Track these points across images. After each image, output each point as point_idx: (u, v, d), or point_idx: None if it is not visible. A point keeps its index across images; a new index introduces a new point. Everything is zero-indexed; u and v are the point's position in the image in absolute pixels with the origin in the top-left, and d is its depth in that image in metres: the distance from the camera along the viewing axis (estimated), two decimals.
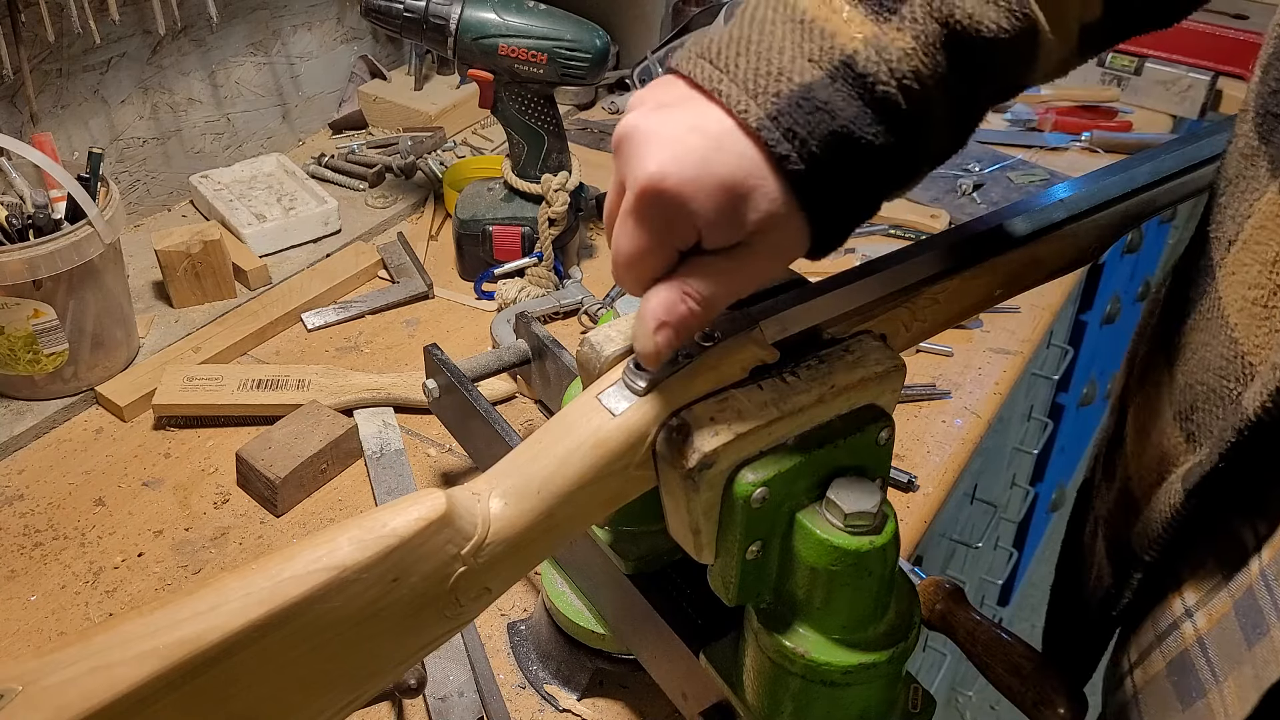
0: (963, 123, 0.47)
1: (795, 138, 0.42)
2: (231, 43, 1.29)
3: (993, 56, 0.45)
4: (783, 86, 0.42)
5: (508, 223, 1.13)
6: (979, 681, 1.68)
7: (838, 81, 0.42)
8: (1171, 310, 0.56)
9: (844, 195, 0.45)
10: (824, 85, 0.42)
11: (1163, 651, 0.52)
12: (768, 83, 0.43)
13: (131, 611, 0.42)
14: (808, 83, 0.42)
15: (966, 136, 0.48)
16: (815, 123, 0.42)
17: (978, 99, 0.47)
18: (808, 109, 0.42)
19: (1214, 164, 0.61)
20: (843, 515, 0.49)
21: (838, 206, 0.45)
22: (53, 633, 0.78)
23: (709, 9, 1.51)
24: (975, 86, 0.46)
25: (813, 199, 0.44)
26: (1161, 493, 0.52)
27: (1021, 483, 1.81)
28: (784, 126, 0.42)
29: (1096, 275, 1.70)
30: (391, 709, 0.73)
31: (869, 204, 0.46)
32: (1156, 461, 0.55)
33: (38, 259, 0.89)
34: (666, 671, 0.64)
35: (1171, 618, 0.52)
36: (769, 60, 0.43)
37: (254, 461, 0.87)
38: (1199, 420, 0.51)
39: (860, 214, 0.46)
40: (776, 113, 0.42)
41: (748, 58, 0.43)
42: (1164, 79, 1.58)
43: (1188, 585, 0.51)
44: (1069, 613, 0.67)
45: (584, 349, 0.54)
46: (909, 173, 0.46)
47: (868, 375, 0.51)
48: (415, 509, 0.45)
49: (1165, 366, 0.55)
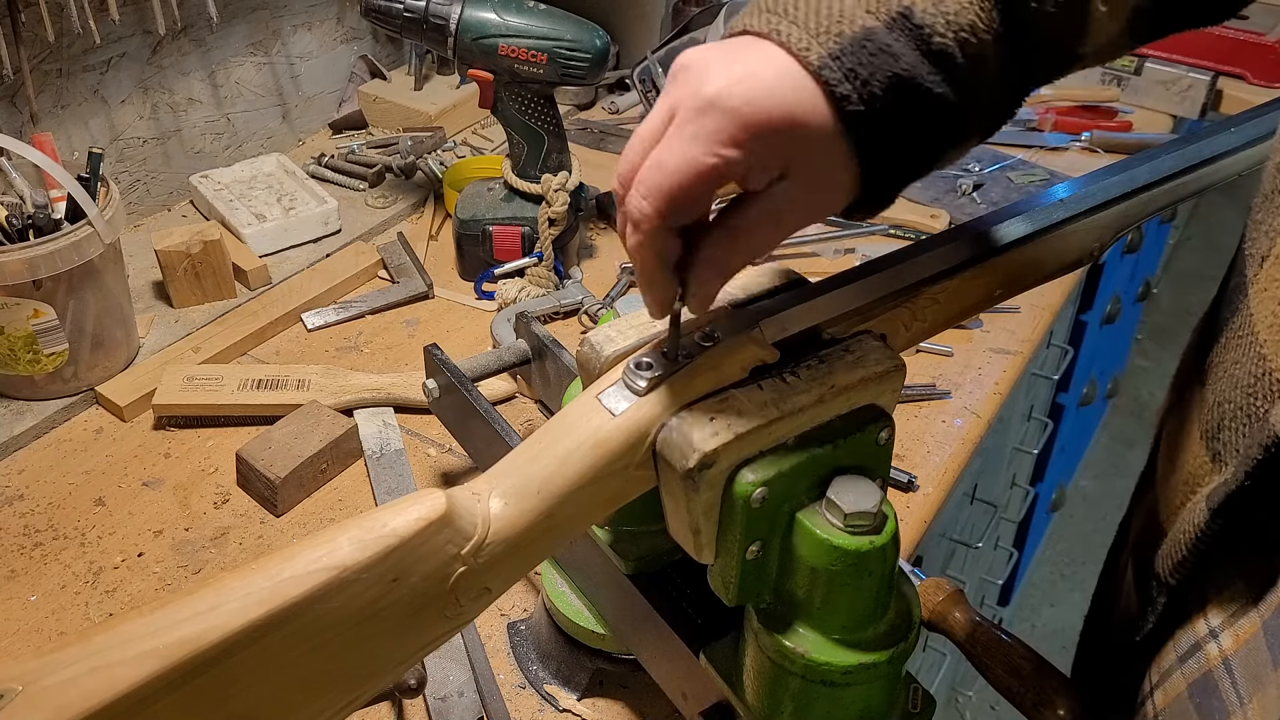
0: (1015, 87, 0.47)
1: (857, 78, 0.42)
2: (231, 43, 1.29)
3: (1043, 21, 0.44)
4: (845, 28, 0.43)
5: (508, 223, 1.13)
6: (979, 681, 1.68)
7: (895, 31, 0.43)
8: (1207, 329, 0.56)
9: (900, 143, 0.44)
10: (883, 33, 0.43)
11: (1184, 673, 0.51)
12: (830, 24, 0.43)
13: (131, 611, 0.42)
14: (870, 27, 0.42)
15: (1016, 105, 0.48)
16: (878, 65, 0.42)
17: (1030, 63, 0.47)
18: (871, 50, 0.42)
19: (1214, 164, 0.62)
20: (843, 515, 0.49)
21: (892, 154, 0.45)
22: (53, 633, 0.78)
23: (709, 9, 1.51)
24: (1028, 49, 0.46)
25: (869, 143, 0.43)
26: (1186, 513, 0.51)
27: (1021, 483, 1.81)
28: (846, 66, 0.42)
29: (1096, 275, 1.70)
30: (391, 709, 0.73)
31: (921, 160, 0.46)
32: (1183, 483, 0.54)
33: (38, 259, 0.89)
34: (666, 671, 0.64)
35: (1194, 638, 0.51)
36: (829, 6, 0.43)
37: (254, 461, 0.87)
38: (1225, 439, 0.50)
39: (911, 169, 0.46)
40: (840, 52, 0.42)
41: (807, 4, 0.43)
42: (1164, 79, 1.58)
43: (1212, 606, 0.50)
44: (1098, 643, 0.67)
45: (584, 349, 0.54)
46: (960, 132, 0.46)
47: (868, 375, 0.51)
48: (415, 509, 0.45)
49: (1197, 386, 0.54)
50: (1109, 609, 0.65)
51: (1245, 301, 0.50)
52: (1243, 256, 0.52)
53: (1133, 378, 3.04)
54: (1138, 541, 0.61)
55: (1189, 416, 0.55)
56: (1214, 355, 0.53)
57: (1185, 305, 3.34)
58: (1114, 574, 0.66)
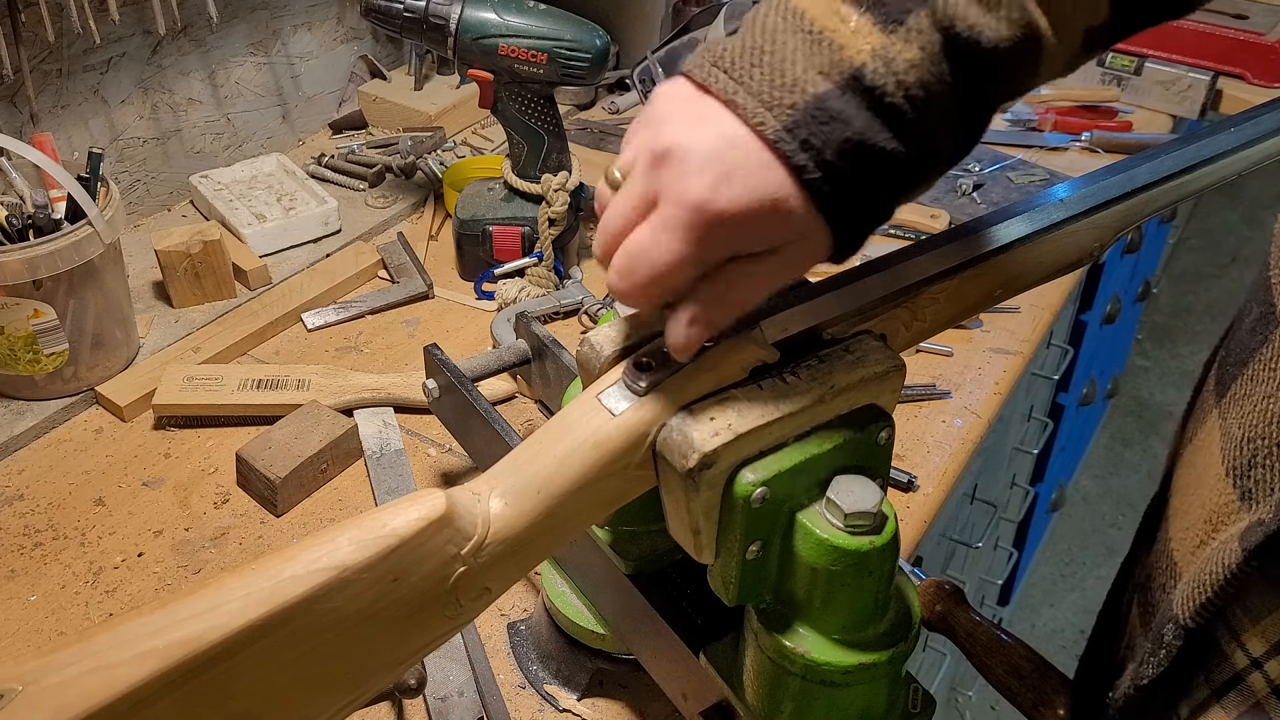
0: (970, 127, 0.48)
1: (811, 148, 0.43)
2: (231, 43, 1.29)
3: (995, 64, 0.45)
4: (797, 99, 0.43)
5: (508, 223, 1.13)
6: (979, 681, 1.68)
7: (847, 93, 0.43)
8: (1227, 362, 0.55)
9: (860, 201, 0.45)
10: (835, 96, 0.43)
11: (1225, 705, 0.50)
12: (782, 94, 0.44)
13: (131, 611, 0.42)
14: (821, 94, 0.43)
15: (976, 139, 0.48)
16: (829, 133, 0.43)
17: (984, 104, 0.47)
18: (821, 119, 0.43)
19: (1214, 164, 0.61)
20: (843, 515, 0.49)
21: (855, 212, 0.46)
22: (53, 633, 0.78)
23: (709, 9, 1.51)
24: (980, 93, 0.46)
25: (831, 206, 0.45)
26: (1211, 553, 0.50)
27: (1021, 483, 1.81)
28: (800, 138, 0.43)
29: (1096, 275, 1.70)
30: (391, 709, 0.73)
31: (885, 208, 0.47)
32: (1202, 521, 0.53)
33: (38, 259, 0.89)
34: (666, 671, 0.64)
35: (1232, 670, 0.50)
36: (782, 72, 0.44)
37: (254, 461, 0.87)
38: (1259, 476, 0.49)
39: (876, 219, 0.47)
40: (793, 124, 0.43)
41: (761, 69, 0.44)
42: (1164, 79, 1.58)
43: (1250, 636, 0.49)
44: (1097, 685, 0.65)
45: (584, 349, 0.54)
46: (920, 177, 0.47)
47: (868, 375, 0.51)
48: (415, 509, 0.45)
49: (1218, 420, 0.53)
50: (1110, 651, 0.64)
51: (1275, 331, 0.49)
52: (1268, 286, 0.51)
53: (1133, 378, 3.04)
54: (1145, 582, 0.59)
55: (1208, 452, 0.54)
56: (1239, 388, 0.52)
57: (1185, 305, 3.34)
58: (1116, 615, 0.65)
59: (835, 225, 0.46)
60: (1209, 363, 0.60)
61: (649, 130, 0.46)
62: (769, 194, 0.44)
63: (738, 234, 0.45)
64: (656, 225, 0.45)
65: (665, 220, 0.45)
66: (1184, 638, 0.51)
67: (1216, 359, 0.58)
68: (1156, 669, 0.53)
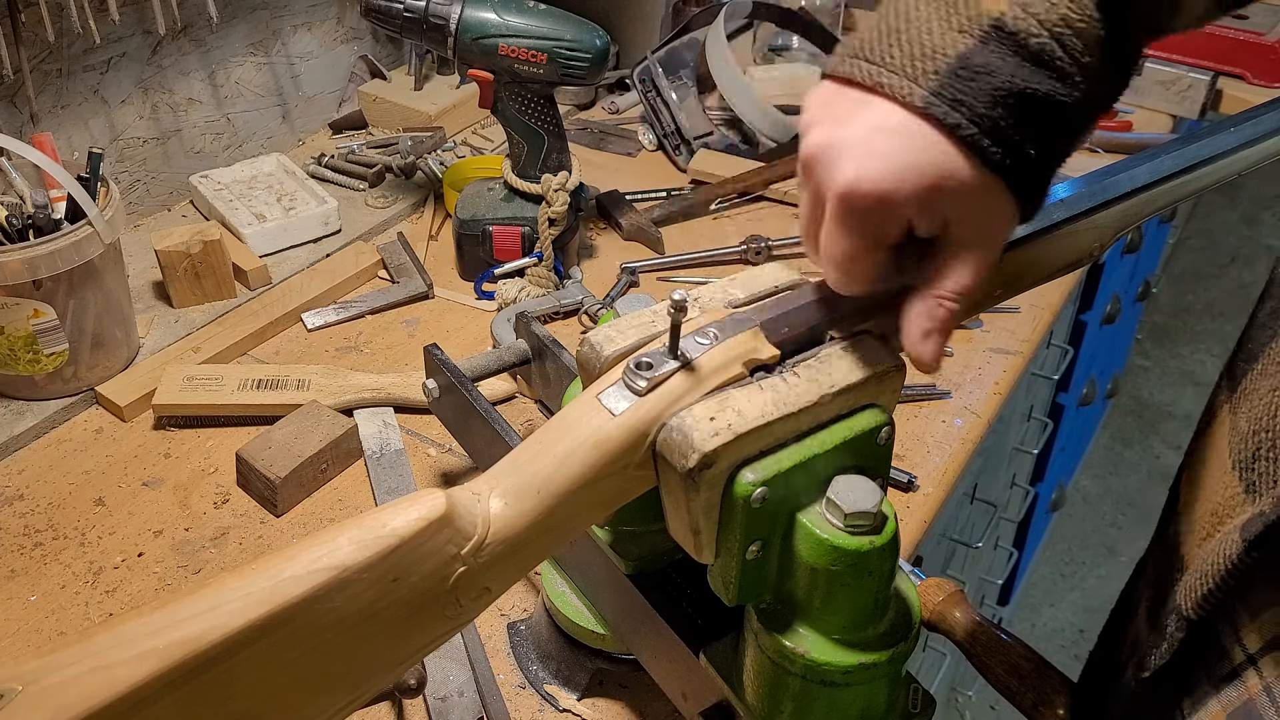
0: (1121, 62, 0.48)
1: (962, 105, 0.44)
2: (231, 43, 1.29)
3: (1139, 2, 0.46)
4: (939, 63, 0.44)
5: (508, 223, 1.13)
6: (979, 681, 1.68)
7: (991, 44, 0.44)
8: (1240, 357, 0.55)
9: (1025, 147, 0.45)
10: (979, 51, 0.44)
11: (1221, 700, 0.50)
12: (924, 63, 0.44)
13: (131, 611, 0.42)
14: (962, 52, 0.44)
15: (1126, 80, 0.49)
16: (978, 87, 0.44)
17: (1130, 36, 0.47)
18: (966, 76, 0.44)
19: (1214, 164, 0.61)
20: (843, 515, 0.49)
21: (1024, 159, 0.46)
22: (53, 633, 0.78)
23: (709, 9, 1.51)
24: (1124, 24, 0.46)
25: (997, 158, 0.45)
26: (1215, 545, 0.50)
27: (1021, 483, 1.81)
28: (949, 98, 0.44)
29: (1096, 275, 1.70)
30: (391, 709, 0.73)
31: (1056, 150, 0.47)
32: (1209, 514, 0.53)
33: (38, 259, 0.89)
34: (666, 671, 0.64)
35: (1230, 665, 0.50)
36: (921, 43, 0.44)
37: (254, 461, 0.87)
38: (1261, 469, 0.49)
39: (1051, 165, 0.47)
40: (939, 88, 0.44)
41: (900, 46, 0.45)
42: (1164, 79, 1.58)
43: (1248, 632, 0.49)
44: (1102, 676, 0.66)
45: (584, 349, 0.54)
46: (1081, 119, 0.47)
47: (868, 375, 0.51)
48: (415, 509, 0.45)
49: (1228, 414, 0.54)
50: (1118, 644, 0.64)
51: None
52: (1277, 283, 0.51)
53: (1133, 377, 3.04)
54: (1156, 577, 0.60)
55: (1218, 445, 0.54)
56: (1249, 382, 0.52)
57: (1185, 305, 3.34)
58: (1128, 611, 0.65)
59: (1010, 179, 0.45)
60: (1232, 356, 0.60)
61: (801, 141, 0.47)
62: (920, 161, 0.44)
63: (898, 209, 0.45)
64: (826, 224, 0.47)
65: (830, 216, 0.46)
66: (1186, 629, 0.51)
67: (1231, 355, 0.58)
68: (1159, 660, 0.53)
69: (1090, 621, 2.39)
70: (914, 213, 0.46)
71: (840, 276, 0.49)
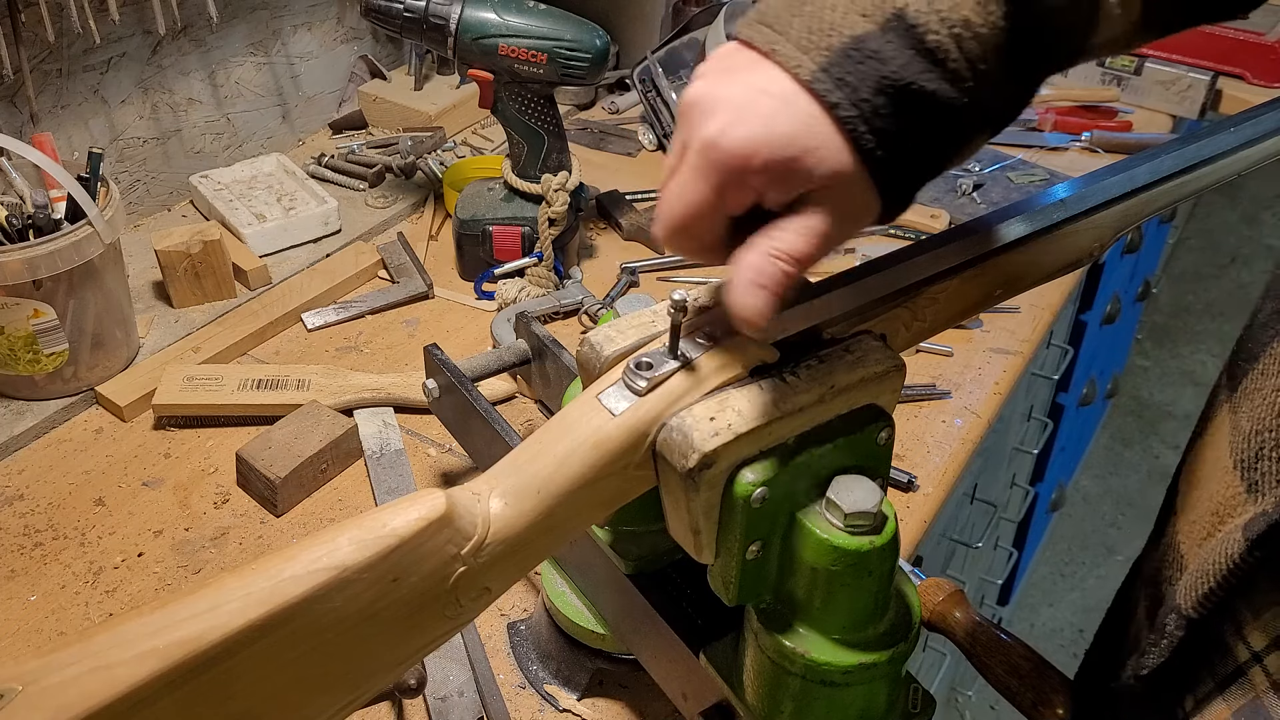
0: (1020, 84, 0.47)
1: (846, 85, 0.43)
2: (231, 43, 1.29)
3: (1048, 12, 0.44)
4: (834, 40, 0.43)
5: (508, 223, 1.13)
6: (979, 681, 1.68)
7: (889, 33, 0.43)
8: (1240, 356, 0.55)
9: (900, 144, 0.44)
10: (876, 36, 0.43)
11: (1226, 698, 0.50)
12: (820, 38, 0.43)
13: (131, 611, 0.42)
14: (859, 35, 0.43)
15: (1024, 101, 0.47)
16: (865, 71, 0.43)
17: (1036, 57, 0.46)
18: (857, 59, 0.43)
19: (1214, 164, 0.61)
20: (843, 515, 0.49)
21: (896, 157, 0.45)
22: (53, 633, 0.78)
23: (709, 9, 1.51)
24: (1032, 44, 0.45)
25: (869, 148, 0.44)
26: (1215, 544, 0.50)
27: (1021, 483, 1.81)
28: (835, 76, 0.43)
29: (1096, 275, 1.70)
30: (391, 709, 0.73)
31: (929, 157, 0.46)
32: (1210, 514, 0.53)
33: (38, 259, 0.89)
34: (666, 671, 0.64)
35: (1234, 664, 0.50)
36: (821, 18, 0.44)
37: (254, 461, 0.87)
38: (1264, 469, 0.49)
39: (921, 167, 0.46)
40: (828, 64, 0.43)
41: (802, 17, 0.44)
42: (1164, 79, 1.58)
43: (1252, 630, 0.49)
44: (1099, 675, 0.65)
45: (584, 349, 0.54)
46: (966, 130, 0.46)
47: (868, 375, 0.51)
48: (415, 509, 0.45)
49: (1229, 414, 0.54)
50: (1116, 644, 0.64)
51: None
52: None
53: (1133, 377, 3.04)
54: (1154, 576, 0.59)
55: (1218, 444, 0.54)
56: (1250, 381, 0.52)
57: (1185, 305, 3.34)
58: (1125, 610, 0.65)
59: (877, 172, 0.44)
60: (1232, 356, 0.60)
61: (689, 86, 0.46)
62: (791, 132, 0.43)
63: (755, 172, 0.44)
64: (682, 169, 0.46)
65: (687, 163, 0.45)
66: (1186, 628, 0.51)
67: (1231, 354, 0.58)
68: (1158, 659, 0.53)
69: (1090, 621, 2.39)
70: (769, 180, 0.44)
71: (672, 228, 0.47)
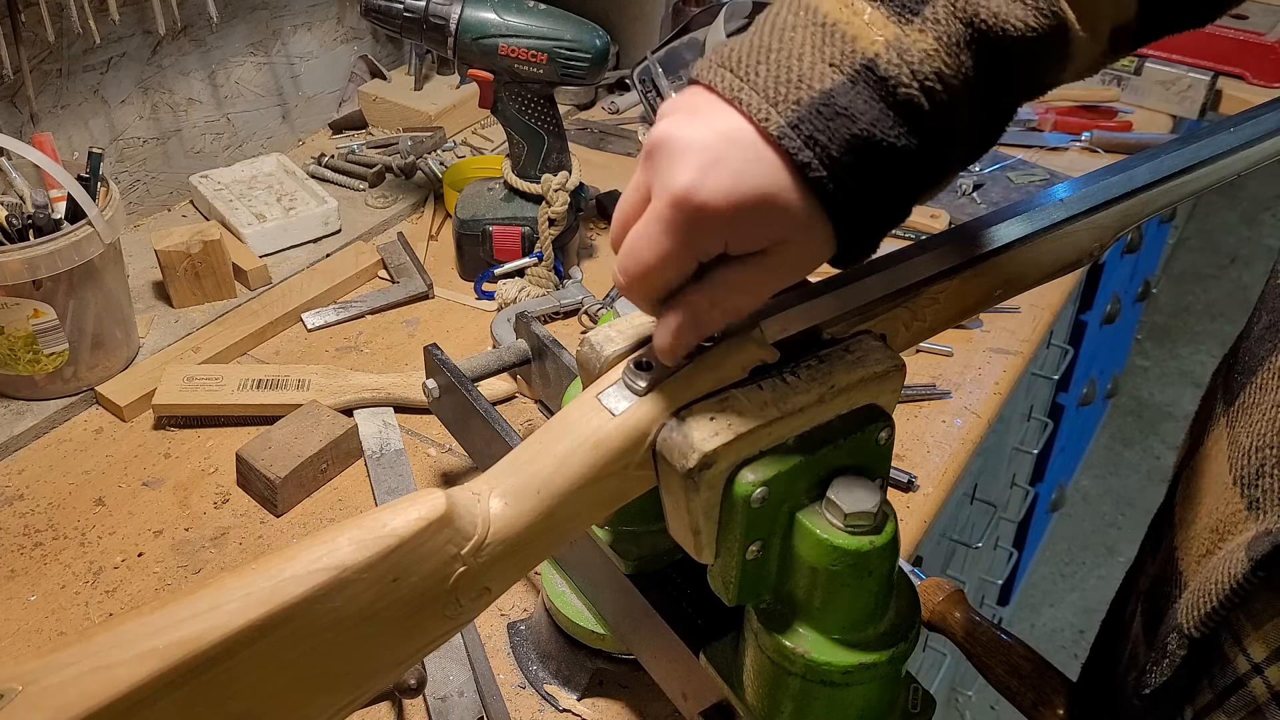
0: (990, 123, 0.46)
1: (816, 144, 0.42)
2: (231, 43, 1.29)
3: (1020, 56, 0.44)
4: (803, 94, 0.42)
5: (508, 223, 1.13)
6: (979, 681, 1.68)
7: (859, 85, 0.42)
8: (1236, 369, 0.54)
9: (869, 200, 0.44)
10: (845, 90, 0.42)
11: (1226, 709, 0.50)
12: (788, 90, 0.42)
13: (131, 611, 0.42)
14: (828, 89, 0.42)
15: (995, 137, 0.47)
16: (836, 128, 0.42)
17: (1006, 99, 0.46)
18: (828, 115, 0.42)
19: (1214, 164, 0.61)
20: (843, 515, 0.49)
21: (863, 212, 0.44)
22: (53, 633, 0.78)
23: (709, 9, 1.51)
24: (1003, 86, 0.45)
25: (838, 206, 0.43)
26: (1217, 562, 0.49)
27: (1021, 483, 1.81)
28: (805, 134, 0.42)
29: (1096, 275, 1.70)
30: (391, 709, 0.73)
31: (897, 209, 0.46)
32: (1209, 530, 0.52)
33: (38, 259, 0.89)
34: (666, 671, 0.64)
35: (1234, 675, 0.50)
36: (789, 67, 0.43)
37: (254, 461, 0.87)
38: (1266, 486, 0.48)
39: (888, 219, 0.46)
40: (797, 120, 0.42)
41: (768, 65, 0.43)
42: (1164, 79, 1.58)
43: (1252, 641, 0.49)
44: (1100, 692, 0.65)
45: (584, 349, 0.54)
46: (936, 175, 0.46)
47: (868, 375, 0.51)
48: (415, 509, 0.45)
49: (1226, 429, 0.53)
50: (1113, 658, 0.64)
51: None
52: (1277, 292, 0.51)
53: (1133, 377, 3.04)
54: (1150, 590, 0.59)
55: (1215, 459, 0.53)
56: (1247, 396, 0.51)
57: (1185, 305, 3.34)
58: (1120, 622, 0.65)
59: (841, 225, 0.44)
60: (1218, 369, 0.59)
61: (654, 127, 0.45)
62: (761, 188, 0.42)
63: (726, 228, 0.43)
64: (647, 218, 0.45)
65: (653, 212, 0.44)
66: (1188, 647, 0.51)
67: (1225, 365, 0.57)
68: (1159, 679, 0.52)
69: (1090, 622, 2.39)
70: (736, 234, 0.44)
71: (634, 278, 0.46)
